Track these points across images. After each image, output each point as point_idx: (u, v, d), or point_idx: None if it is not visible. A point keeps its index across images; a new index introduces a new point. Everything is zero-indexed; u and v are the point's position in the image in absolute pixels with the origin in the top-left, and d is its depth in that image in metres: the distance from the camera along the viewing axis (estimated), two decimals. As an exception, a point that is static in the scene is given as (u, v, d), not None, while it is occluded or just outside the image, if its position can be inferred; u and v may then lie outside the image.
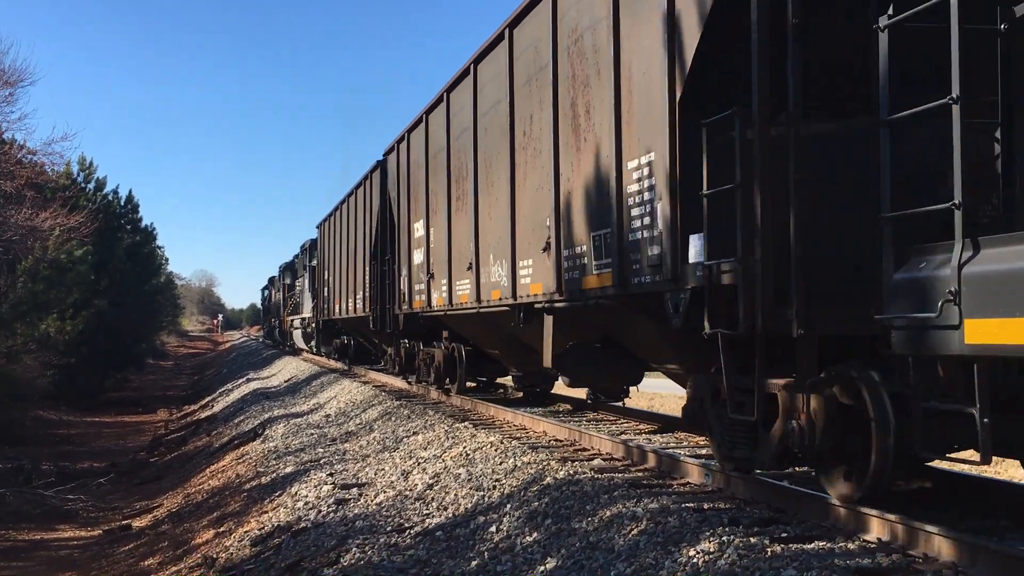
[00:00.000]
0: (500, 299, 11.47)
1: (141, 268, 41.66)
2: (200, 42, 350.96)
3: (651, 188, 7.47)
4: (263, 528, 10.58)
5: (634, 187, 7.79)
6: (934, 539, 5.21)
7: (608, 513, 6.79)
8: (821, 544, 5.55)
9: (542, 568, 6.41)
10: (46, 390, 28.76)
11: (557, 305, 9.77)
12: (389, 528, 8.65)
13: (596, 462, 8.91)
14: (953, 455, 5.49)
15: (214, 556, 10.44)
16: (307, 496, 11.10)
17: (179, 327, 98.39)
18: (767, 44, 6.21)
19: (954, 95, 4.73)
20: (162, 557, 11.97)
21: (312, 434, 16.35)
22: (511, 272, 11.06)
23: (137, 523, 15.01)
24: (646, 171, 7.56)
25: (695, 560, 5.47)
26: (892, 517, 5.57)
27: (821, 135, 6.18)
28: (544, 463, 8.85)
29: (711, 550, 5.54)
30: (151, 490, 18.17)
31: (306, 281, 36.96)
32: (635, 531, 6.28)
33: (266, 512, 11.38)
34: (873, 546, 5.49)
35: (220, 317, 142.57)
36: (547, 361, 10.28)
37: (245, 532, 10.85)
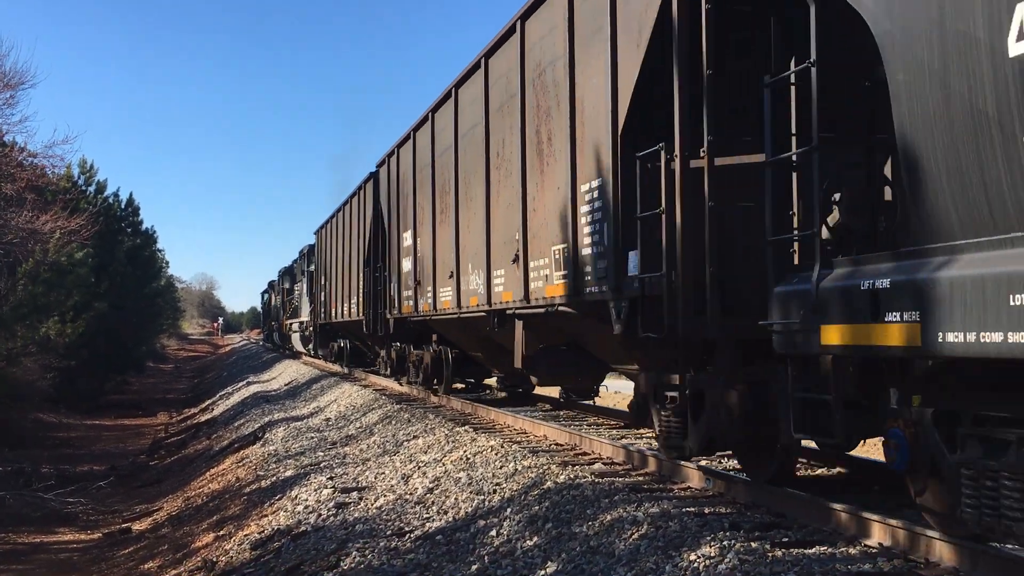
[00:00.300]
0: (477, 305, 12.40)
1: (141, 271, 41.68)
2: (200, 43, 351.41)
3: (599, 209, 8.50)
4: (263, 532, 10.57)
5: (585, 208, 8.80)
6: (935, 544, 5.20)
7: (609, 517, 6.79)
8: (822, 549, 5.55)
9: (542, 572, 6.41)
10: (46, 393, 28.76)
11: (525, 311, 10.77)
12: (389, 532, 8.64)
13: (597, 466, 8.90)
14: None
15: (214, 560, 10.43)
16: (307, 500, 11.09)
17: (179, 330, 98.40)
18: (687, 90, 7.21)
19: (814, 143, 5.77)
20: (162, 560, 11.96)
21: (312, 438, 16.34)
22: (486, 281, 12.02)
23: (137, 526, 15.01)
24: (596, 194, 8.57)
25: (696, 565, 5.47)
26: (894, 522, 5.57)
27: (731, 168, 7.09)
28: (545, 467, 8.84)
29: (712, 555, 5.53)
30: (151, 493, 18.16)
31: (304, 286, 37.97)
32: (636, 535, 6.27)
33: (266, 516, 11.37)
34: (875, 551, 5.48)
35: (220, 320, 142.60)
36: (518, 362, 11.43)
37: (245, 536, 10.84)
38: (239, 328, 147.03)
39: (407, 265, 16.89)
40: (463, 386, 17.69)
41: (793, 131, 6.21)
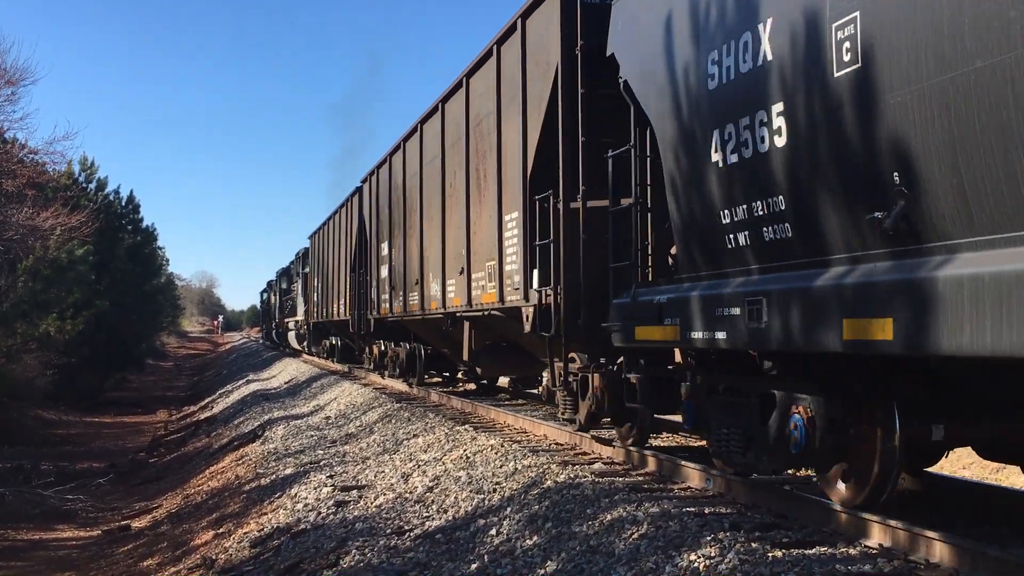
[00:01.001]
0: (436, 308, 14.74)
1: (142, 268, 41.65)
2: (202, 42, 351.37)
3: (516, 235, 10.90)
4: (262, 529, 10.56)
5: (508, 233, 11.23)
6: (935, 545, 5.20)
7: (609, 517, 6.78)
8: (822, 549, 5.54)
9: (542, 571, 6.40)
10: (46, 390, 28.78)
11: (470, 314, 13.16)
12: (389, 530, 8.63)
13: (597, 466, 8.89)
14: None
15: (213, 557, 10.43)
16: (307, 498, 11.08)
17: (179, 328, 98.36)
18: (568, 151, 9.56)
19: (634, 199, 8.12)
20: (161, 558, 11.96)
21: (312, 436, 16.33)
22: (442, 288, 14.37)
23: (136, 524, 15.00)
24: (514, 223, 10.96)
25: (696, 565, 5.46)
26: (894, 523, 5.56)
27: (599, 209, 8.98)
28: (544, 466, 8.84)
29: (712, 555, 5.53)
30: (150, 491, 18.15)
31: (299, 286, 39.98)
32: (636, 535, 6.26)
33: (265, 513, 11.37)
34: (875, 552, 5.48)
35: (220, 318, 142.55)
36: (466, 356, 14.17)
37: (244, 533, 10.84)
38: (239, 326, 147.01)
39: (384, 272, 19.29)
40: (440, 380, 19.42)
41: (632, 188, 8.19)
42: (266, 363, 44.50)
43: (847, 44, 5.22)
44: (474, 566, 6.98)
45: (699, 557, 5.54)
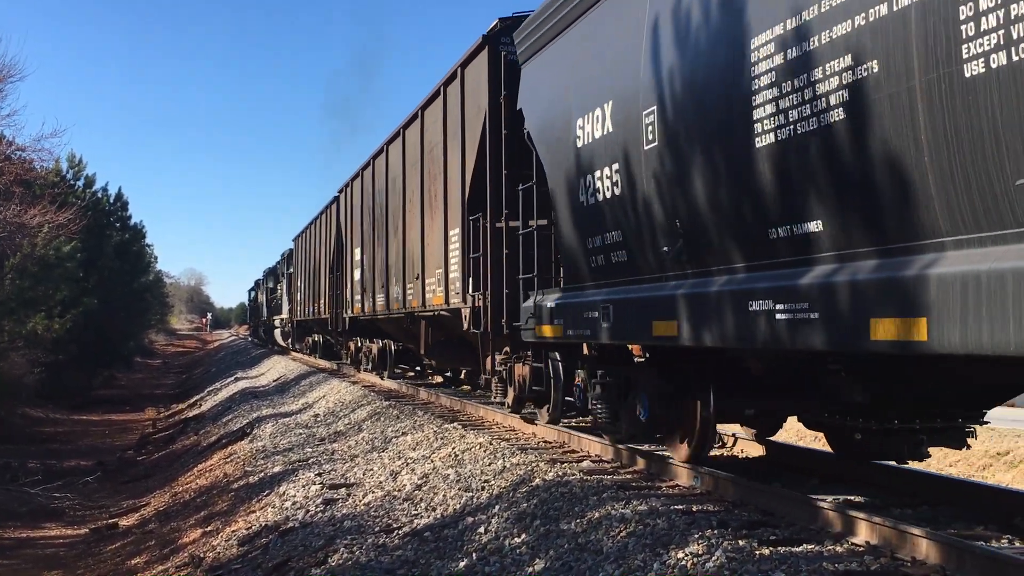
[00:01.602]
0: (398, 308, 16.77)
1: (130, 266, 41.48)
2: (191, 41, 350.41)
3: (457, 248, 12.97)
4: (251, 528, 10.54)
5: (452, 246, 13.26)
6: (921, 543, 5.22)
7: (597, 515, 6.79)
8: (809, 547, 5.56)
9: (530, 569, 6.40)
10: (33, 388, 28.65)
11: (425, 314, 15.21)
12: (377, 528, 8.63)
13: (585, 464, 8.91)
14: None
15: (201, 555, 10.41)
16: (295, 496, 11.06)
17: (167, 326, 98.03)
18: (494, 179, 11.67)
19: (536, 224, 10.16)
20: (149, 556, 11.92)
21: (301, 434, 16.31)
22: (403, 290, 16.43)
23: (124, 522, 14.95)
24: (456, 238, 13.01)
25: (683, 563, 5.47)
26: (879, 520, 5.58)
27: (517, 229, 10.71)
28: (533, 464, 8.85)
29: (699, 552, 5.54)
30: (138, 489, 18.09)
31: (284, 286, 42.15)
32: (624, 533, 6.27)
33: (254, 512, 11.34)
34: (861, 549, 5.50)
35: (209, 316, 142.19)
36: (422, 350, 16.64)
37: (232, 531, 10.81)
38: (228, 324, 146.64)
39: (357, 275, 21.28)
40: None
41: (533, 215, 10.12)
42: (255, 361, 44.40)
43: (650, 127, 7.20)
44: (462, 564, 6.98)
45: (687, 555, 5.56)
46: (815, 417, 7.99)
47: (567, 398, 10.23)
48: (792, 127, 5.60)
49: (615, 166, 7.79)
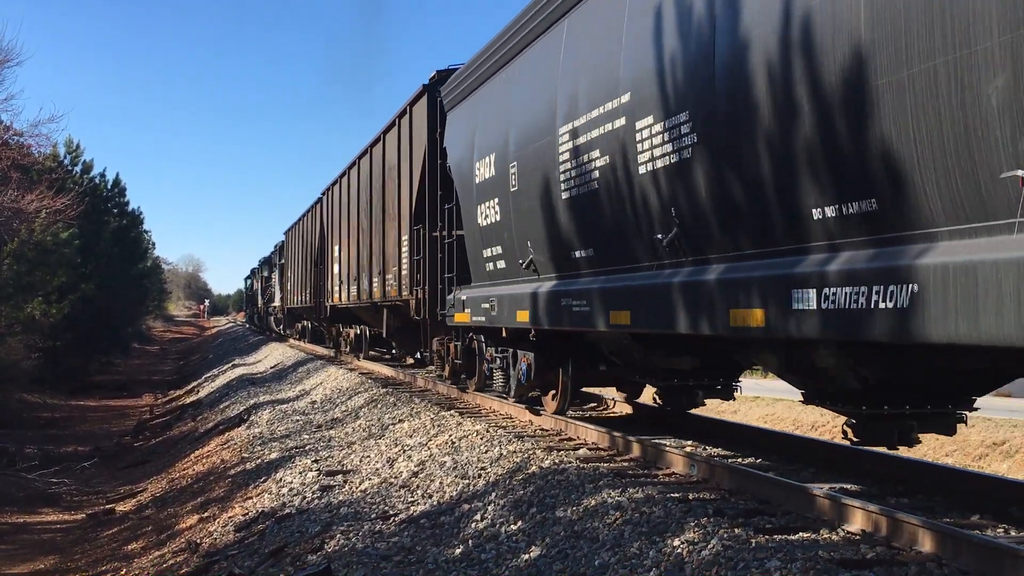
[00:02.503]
0: (367, 299, 19.91)
1: (127, 252, 41.49)
2: (189, 26, 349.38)
3: (407, 251, 16.00)
4: (247, 514, 10.55)
5: (404, 249, 16.27)
6: (917, 531, 5.22)
7: (593, 502, 6.79)
8: (805, 535, 5.57)
9: (526, 556, 6.41)
10: (31, 373, 28.62)
11: (386, 304, 18.29)
12: (374, 515, 8.63)
13: (582, 452, 8.91)
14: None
15: (198, 541, 10.42)
16: (292, 482, 11.07)
17: (165, 312, 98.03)
18: (430, 198, 14.58)
19: (456, 236, 13.20)
20: (146, 542, 11.94)
21: (298, 420, 16.31)
22: (369, 283, 19.63)
23: (121, 507, 14.97)
24: (406, 242, 16.09)
25: (679, 550, 5.48)
26: (875, 508, 5.59)
27: (445, 238, 13.66)
28: (530, 452, 8.85)
29: (695, 540, 5.54)
30: (135, 475, 18.11)
31: (277, 276, 45.28)
32: (620, 520, 6.28)
33: (250, 498, 11.35)
34: (857, 538, 5.50)
35: (207, 302, 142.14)
36: (385, 334, 19.87)
37: (229, 518, 10.82)
38: (226, 310, 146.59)
39: (336, 268, 24.56)
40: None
41: (455, 228, 13.10)
42: (252, 347, 44.40)
43: (513, 176, 10.25)
44: (458, 550, 6.99)
45: (682, 543, 5.56)
46: (631, 380, 11.39)
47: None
48: (577, 188, 8.63)
49: (495, 200, 10.93)
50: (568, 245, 8.96)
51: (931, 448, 14.76)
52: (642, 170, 7.32)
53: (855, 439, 6.55)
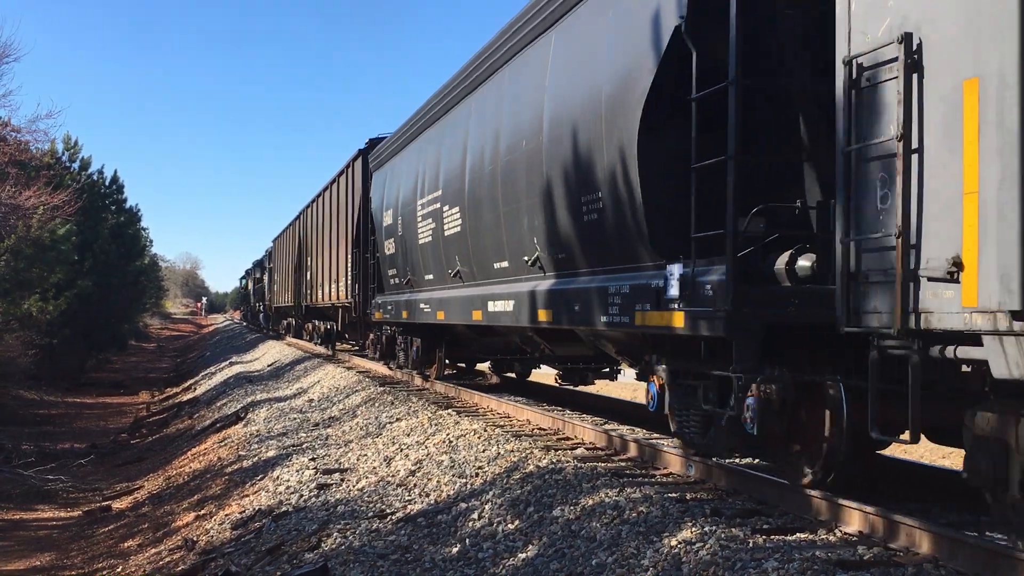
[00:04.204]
0: (328, 301, 25.85)
1: (125, 249, 41.38)
2: (187, 24, 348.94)
3: (350, 267, 21.93)
4: (244, 512, 10.54)
5: (349, 264, 22.01)
6: (914, 532, 5.23)
7: (590, 502, 6.80)
8: (802, 536, 5.57)
9: (523, 555, 6.41)
10: (27, 370, 28.55)
11: (340, 305, 23.62)
12: (371, 513, 8.63)
13: (579, 451, 8.91)
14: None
15: (194, 539, 10.41)
16: (289, 480, 11.07)
17: (162, 309, 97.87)
18: (362, 231, 20.78)
19: (376, 257, 19.27)
20: (142, 539, 11.92)
21: (295, 419, 16.30)
22: (328, 289, 25.60)
23: (117, 505, 14.95)
24: (349, 261, 21.90)
25: (676, 550, 5.48)
26: (872, 510, 5.59)
27: (373, 260, 19.09)
28: (527, 451, 8.85)
29: (693, 540, 5.55)
30: (132, 472, 18.08)
31: (267, 278, 51.43)
32: (617, 520, 6.28)
33: (247, 496, 11.34)
34: (854, 539, 5.51)
35: (204, 300, 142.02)
36: (339, 328, 25.54)
37: (226, 515, 10.81)
38: (223, 308, 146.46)
39: (309, 275, 30.89)
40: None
41: (377, 252, 18.49)
42: (250, 345, 44.36)
43: (400, 224, 15.88)
44: (455, 549, 6.99)
45: (680, 543, 5.56)
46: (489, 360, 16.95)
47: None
48: (424, 238, 14.19)
49: (392, 239, 16.68)
50: (424, 271, 14.62)
51: (928, 451, 14.77)
52: (449, 232, 12.97)
53: (561, 382, 13.57)
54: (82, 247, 31.11)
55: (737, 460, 8.08)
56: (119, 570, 10.74)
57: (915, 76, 4.80)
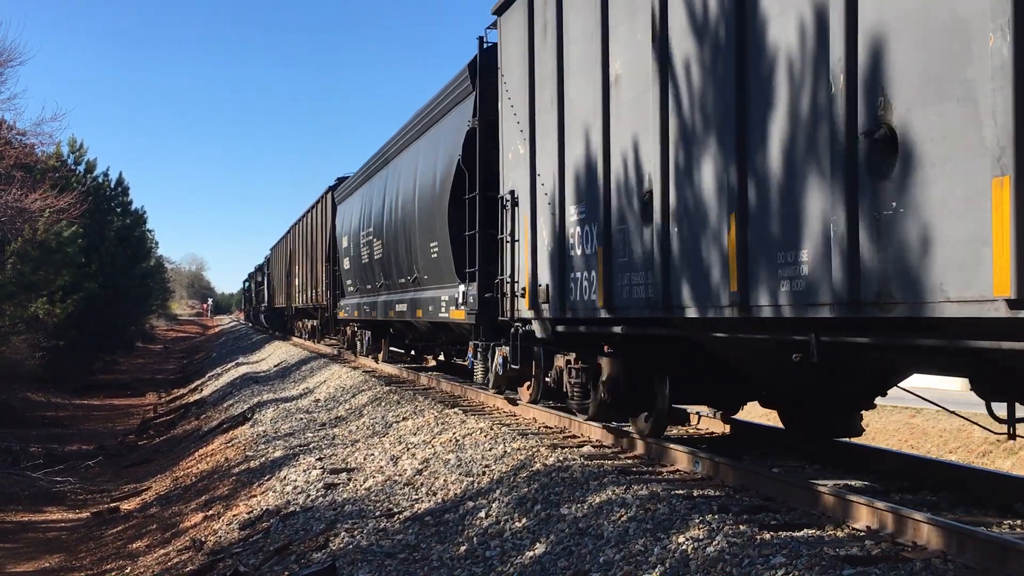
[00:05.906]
0: (310, 303, 32.19)
1: (131, 251, 41.52)
2: (192, 26, 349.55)
3: (325, 276, 28.52)
4: (252, 512, 10.56)
5: (324, 274, 28.75)
6: (922, 527, 5.22)
7: (597, 499, 6.79)
8: (810, 532, 5.56)
9: (531, 553, 6.41)
10: (35, 372, 28.66)
11: (318, 305, 30.33)
12: (378, 513, 8.64)
13: (586, 449, 8.91)
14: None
15: (202, 539, 10.43)
16: (296, 480, 11.08)
17: (168, 311, 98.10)
18: (331, 251, 27.80)
19: (342, 269, 26.24)
20: (150, 540, 11.95)
21: (302, 419, 16.32)
22: (311, 293, 31.77)
23: (125, 506, 14.99)
24: (324, 271, 28.66)
25: (684, 547, 5.48)
26: (880, 505, 5.58)
27: (338, 271, 26.20)
28: (534, 449, 8.85)
29: (700, 537, 5.54)
30: (139, 473, 18.13)
31: (266, 282, 56.24)
32: (624, 517, 6.28)
33: (255, 496, 11.36)
34: (862, 534, 5.50)
35: (210, 301, 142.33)
36: (319, 325, 31.78)
37: (234, 516, 10.83)
38: (229, 309, 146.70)
39: (297, 281, 36.30)
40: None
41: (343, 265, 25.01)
42: (256, 346, 44.44)
43: (353, 246, 22.16)
44: (463, 548, 6.99)
45: (687, 540, 5.56)
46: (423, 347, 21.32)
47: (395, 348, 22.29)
48: (364, 258, 20.53)
49: (348, 258, 22.50)
50: (364, 282, 20.40)
51: (935, 445, 14.75)
52: (376, 256, 18.71)
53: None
54: (88, 249, 31.20)
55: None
56: (128, 571, 10.76)
57: (515, 207, 10.65)
